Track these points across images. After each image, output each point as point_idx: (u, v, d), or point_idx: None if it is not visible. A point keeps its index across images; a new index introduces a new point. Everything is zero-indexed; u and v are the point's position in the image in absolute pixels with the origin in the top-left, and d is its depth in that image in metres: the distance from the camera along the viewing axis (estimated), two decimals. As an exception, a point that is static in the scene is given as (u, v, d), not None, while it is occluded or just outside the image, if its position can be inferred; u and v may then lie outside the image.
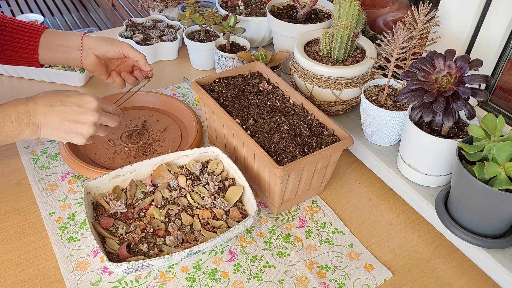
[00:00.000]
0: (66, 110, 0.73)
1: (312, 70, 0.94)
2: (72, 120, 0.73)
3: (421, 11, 0.85)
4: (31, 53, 0.88)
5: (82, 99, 0.75)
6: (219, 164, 0.87)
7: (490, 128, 0.68)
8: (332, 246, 0.81)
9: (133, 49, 0.91)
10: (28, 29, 0.88)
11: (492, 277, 0.74)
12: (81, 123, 0.74)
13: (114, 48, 0.89)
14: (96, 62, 0.92)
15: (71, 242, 0.79)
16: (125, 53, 0.91)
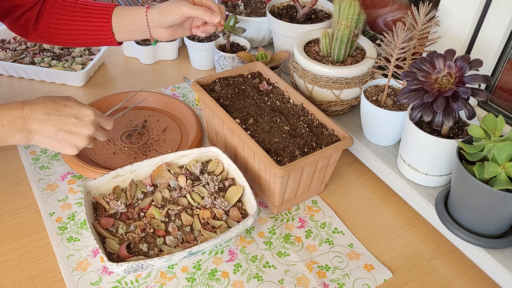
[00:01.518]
0: (63, 120, 0.72)
1: (312, 70, 0.94)
2: (68, 131, 0.72)
3: (421, 11, 0.85)
4: (106, 34, 0.89)
5: (81, 112, 0.74)
6: (219, 164, 0.87)
7: (490, 128, 0.68)
8: (332, 246, 0.81)
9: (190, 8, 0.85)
10: (99, 10, 0.88)
11: (492, 277, 0.74)
12: (76, 134, 0.73)
13: (175, 17, 0.86)
14: (167, 33, 0.90)
15: (71, 242, 0.79)
16: (187, 15, 0.87)
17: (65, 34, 0.89)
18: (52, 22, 0.88)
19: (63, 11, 0.88)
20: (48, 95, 0.74)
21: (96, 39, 0.90)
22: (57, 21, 0.88)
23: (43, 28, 0.89)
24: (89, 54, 1.24)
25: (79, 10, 0.89)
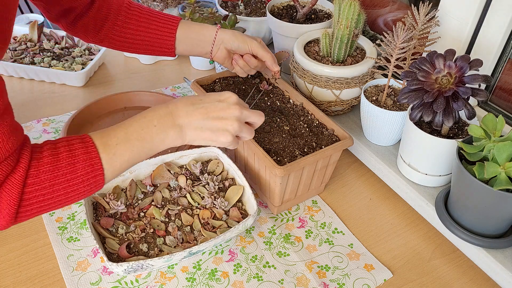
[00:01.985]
0: (208, 106, 0.67)
1: (312, 70, 0.94)
2: (215, 117, 0.67)
3: (421, 11, 0.85)
4: (168, 46, 0.89)
5: (221, 95, 0.70)
6: (219, 164, 0.88)
7: (490, 128, 0.68)
8: (332, 246, 0.81)
9: (262, 49, 0.89)
10: (165, 21, 0.88)
11: (492, 277, 0.74)
12: (224, 118, 0.67)
13: (244, 46, 0.88)
14: (226, 55, 0.92)
15: (71, 242, 0.79)
16: (254, 52, 0.89)
17: (127, 42, 0.89)
18: (116, 29, 0.88)
19: (128, 19, 0.88)
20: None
21: (157, 50, 0.90)
22: (121, 29, 0.88)
23: (105, 33, 0.88)
24: (89, 54, 1.24)
25: (144, 19, 0.88)
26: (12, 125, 0.55)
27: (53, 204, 0.59)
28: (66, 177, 0.57)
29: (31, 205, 0.57)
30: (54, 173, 0.57)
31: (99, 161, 0.59)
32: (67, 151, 0.58)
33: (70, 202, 0.60)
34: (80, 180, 0.58)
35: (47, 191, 0.57)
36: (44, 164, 0.56)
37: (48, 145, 0.59)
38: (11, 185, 0.54)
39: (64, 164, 0.57)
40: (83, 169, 0.58)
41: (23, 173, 0.55)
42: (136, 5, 0.89)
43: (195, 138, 0.67)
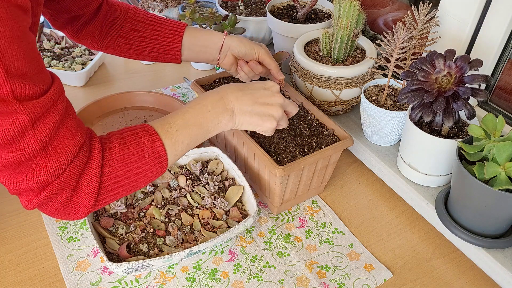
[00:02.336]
0: (254, 93, 0.72)
1: (312, 70, 0.94)
2: (262, 102, 0.72)
3: (421, 11, 0.85)
4: (174, 53, 0.90)
5: (266, 83, 0.75)
6: (219, 164, 0.88)
7: (490, 128, 0.68)
8: (332, 246, 0.81)
9: (268, 56, 0.91)
10: (171, 27, 0.88)
11: (492, 277, 0.74)
12: (270, 105, 0.72)
13: (252, 52, 0.89)
14: (233, 61, 0.93)
15: (71, 242, 0.79)
16: (261, 59, 0.91)
17: (132, 50, 0.90)
18: (121, 37, 0.88)
19: (134, 26, 0.88)
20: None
21: (163, 57, 0.91)
22: (127, 36, 0.88)
23: (110, 41, 0.88)
24: (89, 54, 1.24)
25: (150, 27, 0.88)
26: (76, 119, 0.58)
27: (124, 191, 0.62)
28: (136, 164, 0.61)
29: (107, 193, 0.60)
30: (125, 161, 0.60)
31: (163, 147, 0.63)
32: (133, 140, 0.62)
33: (138, 188, 0.64)
34: (148, 166, 0.62)
35: (120, 178, 0.61)
36: (115, 153, 0.60)
37: (115, 135, 0.62)
38: (90, 175, 0.58)
39: (133, 152, 0.61)
40: (150, 155, 0.62)
41: (99, 163, 0.58)
42: (141, 12, 0.89)
43: (243, 122, 0.71)
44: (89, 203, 0.59)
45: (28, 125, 0.51)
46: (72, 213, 0.59)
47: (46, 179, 0.54)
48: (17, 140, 0.51)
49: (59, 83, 0.55)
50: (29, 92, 0.50)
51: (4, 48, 0.47)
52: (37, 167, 0.53)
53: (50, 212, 0.58)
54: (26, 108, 0.50)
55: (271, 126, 0.72)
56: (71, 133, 0.56)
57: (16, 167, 0.53)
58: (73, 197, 0.57)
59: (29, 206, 0.56)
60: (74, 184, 0.57)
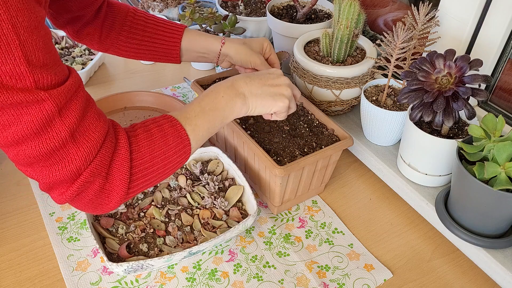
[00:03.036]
0: (262, 77, 0.74)
1: (312, 70, 0.94)
2: (270, 84, 0.74)
3: (421, 11, 0.85)
4: (173, 55, 0.91)
5: (269, 70, 0.78)
6: (219, 164, 0.88)
7: (490, 128, 0.68)
8: (332, 246, 0.81)
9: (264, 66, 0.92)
10: (170, 29, 0.90)
11: (492, 277, 0.74)
12: (278, 85, 0.74)
13: (247, 63, 0.90)
14: (231, 65, 0.95)
15: (71, 242, 0.79)
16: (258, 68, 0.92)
17: (132, 51, 0.91)
18: (121, 39, 0.89)
19: (134, 28, 0.88)
20: None
21: (163, 58, 0.92)
22: (126, 38, 0.89)
23: (111, 43, 0.89)
24: (89, 54, 1.24)
25: (150, 29, 0.89)
26: (97, 108, 0.58)
27: (154, 177, 0.63)
28: (162, 149, 0.62)
29: (138, 179, 0.60)
30: (151, 147, 0.61)
31: (185, 132, 0.64)
32: (156, 127, 0.63)
33: (166, 175, 0.65)
34: (173, 151, 0.63)
35: (149, 164, 0.61)
36: (141, 140, 0.61)
37: (138, 125, 0.63)
38: (120, 161, 0.58)
39: (158, 138, 0.62)
40: (174, 141, 0.63)
41: (128, 148, 0.59)
42: (141, 14, 0.90)
43: (257, 105, 0.72)
44: (122, 190, 0.59)
45: (55, 113, 0.51)
46: (106, 203, 0.59)
47: (79, 166, 0.54)
48: (45, 129, 0.51)
49: (76, 74, 0.56)
50: (51, 82, 0.50)
51: (24, 39, 0.47)
52: (68, 156, 0.53)
53: (83, 204, 0.58)
54: (51, 96, 0.50)
55: (283, 104, 0.73)
56: (96, 119, 0.56)
57: (47, 158, 0.53)
58: (106, 185, 0.57)
59: (63, 199, 0.56)
60: (106, 170, 0.57)
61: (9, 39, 0.46)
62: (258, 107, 0.73)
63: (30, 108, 0.49)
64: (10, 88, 0.47)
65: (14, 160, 0.54)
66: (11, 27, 0.46)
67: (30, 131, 0.50)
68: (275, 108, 0.73)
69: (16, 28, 0.46)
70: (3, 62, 0.46)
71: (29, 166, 0.54)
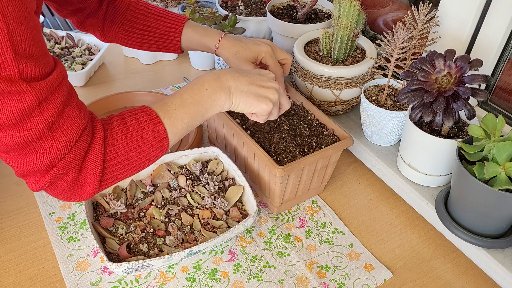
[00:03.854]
0: (251, 76, 0.73)
1: (312, 70, 0.94)
2: (258, 84, 0.73)
3: (421, 11, 0.85)
4: (174, 48, 0.92)
5: (261, 70, 0.77)
6: (219, 164, 0.88)
7: (490, 128, 0.68)
8: (332, 246, 0.81)
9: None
10: (170, 22, 0.90)
11: (492, 277, 0.74)
12: (266, 87, 0.73)
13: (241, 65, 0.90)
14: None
15: (71, 242, 0.79)
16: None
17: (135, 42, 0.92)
18: (123, 31, 0.90)
19: (135, 19, 0.89)
20: None
21: (164, 49, 0.93)
22: (128, 28, 0.90)
23: (113, 35, 0.91)
24: (89, 54, 1.24)
25: (150, 19, 0.90)
26: (78, 101, 0.59)
27: (128, 170, 0.64)
28: (137, 143, 0.62)
29: (111, 172, 0.61)
30: (126, 140, 0.62)
31: (163, 126, 0.64)
32: (133, 120, 0.63)
33: (142, 167, 0.65)
34: (149, 145, 0.63)
35: (123, 158, 0.62)
36: (117, 133, 0.61)
37: (115, 117, 0.63)
38: (93, 155, 0.59)
39: (134, 132, 0.62)
40: (150, 134, 0.63)
41: (102, 143, 0.59)
42: (142, 6, 0.91)
43: (240, 102, 0.72)
44: (95, 183, 0.60)
45: (35, 105, 0.52)
46: (78, 194, 0.60)
47: (53, 159, 0.55)
48: (24, 120, 0.52)
49: (62, 66, 0.56)
50: (35, 73, 0.51)
51: (13, 29, 0.47)
52: (43, 147, 0.54)
53: (56, 193, 0.59)
54: (33, 89, 0.51)
55: (267, 108, 0.72)
56: (75, 114, 0.57)
57: (23, 148, 0.54)
58: (79, 178, 0.58)
59: (36, 187, 0.57)
60: (79, 164, 0.58)
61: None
62: (241, 104, 0.72)
63: (11, 98, 0.50)
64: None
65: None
66: (1, 16, 0.46)
67: (9, 121, 0.51)
68: (257, 109, 0.73)
69: (6, 17, 0.47)
70: None
71: (5, 153, 0.55)
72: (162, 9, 0.91)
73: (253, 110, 0.73)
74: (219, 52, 0.90)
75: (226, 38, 0.89)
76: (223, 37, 0.89)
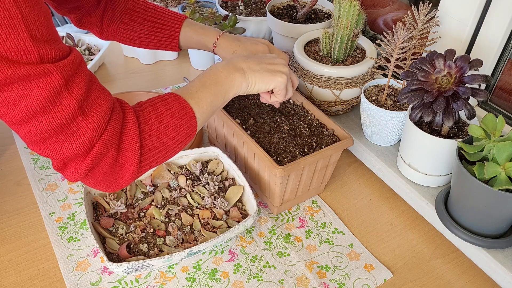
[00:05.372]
0: (259, 57, 0.77)
1: (312, 70, 0.94)
2: (268, 62, 0.76)
3: (421, 11, 0.85)
4: (172, 46, 0.93)
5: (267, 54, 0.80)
6: (219, 164, 0.88)
7: (490, 128, 0.68)
8: (332, 246, 0.81)
9: None
10: (169, 18, 0.91)
11: (492, 277, 0.74)
12: (275, 63, 0.76)
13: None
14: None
15: (71, 242, 0.79)
16: None
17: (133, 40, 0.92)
18: (122, 29, 0.90)
19: (134, 18, 0.90)
20: None
21: (162, 47, 0.94)
22: (127, 26, 0.90)
23: (112, 34, 0.91)
24: (89, 54, 1.24)
25: (149, 18, 0.90)
26: (101, 85, 0.59)
27: (164, 150, 0.63)
28: (168, 121, 0.63)
29: (149, 151, 0.61)
30: (158, 119, 0.62)
31: (189, 105, 0.65)
32: (161, 102, 0.64)
33: (176, 148, 0.66)
34: (180, 123, 0.64)
35: (158, 136, 0.62)
36: (148, 113, 0.62)
37: (143, 101, 0.64)
38: (130, 133, 0.59)
39: (163, 111, 0.63)
40: (179, 113, 0.64)
41: (135, 121, 0.59)
42: (141, 3, 0.91)
43: (256, 80, 0.74)
44: (135, 162, 0.59)
45: (62, 85, 0.51)
46: (120, 177, 0.59)
47: (91, 138, 0.54)
48: (54, 103, 0.51)
49: (77, 51, 0.56)
50: (55, 56, 0.50)
51: (26, 13, 0.47)
52: (79, 129, 0.54)
53: (97, 179, 0.58)
54: (58, 68, 0.50)
55: (282, 80, 0.75)
56: (101, 93, 0.57)
57: (59, 133, 0.53)
58: (118, 157, 0.58)
59: (77, 174, 0.56)
60: (117, 142, 0.57)
61: (11, 14, 0.46)
62: (257, 82, 0.74)
63: (38, 81, 0.49)
64: (16, 63, 0.47)
65: (26, 139, 0.54)
66: (13, 1, 0.45)
67: (40, 105, 0.50)
68: (274, 83, 0.75)
69: (18, 2, 0.46)
70: (7, 37, 0.46)
71: (42, 144, 0.54)
72: (161, 7, 0.92)
73: (270, 86, 0.75)
74: (216, 51, 0.91)
75: (224, 37, 0.90)
76: (221, 36, 0.90)
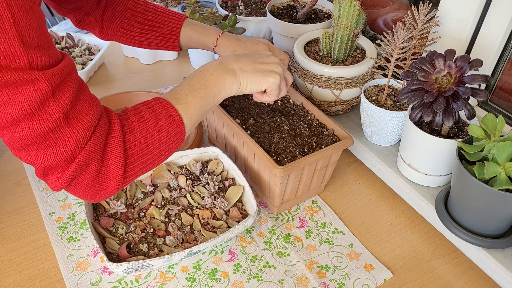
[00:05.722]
0: (252, 56, 0.75)
1: (312, 70, 0.94)
2: (260, 61, 0.74)
3: (421, 11, 0.85)
4: (172, 46, 0.93)
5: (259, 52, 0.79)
6: (219, 164, 0.88)
7: (490, 128, 0.68)
8: (332, 246, 0.81)
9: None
10: (169, 18, 0.91)
11: (492, 277, 0.74)
12: (268, 63, 0.75)
13: None
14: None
15: (71, 242, 0.79)
16: None
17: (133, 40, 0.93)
18: (122, 29, 0.90)
19: (134, 17, 0.90)
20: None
21: (162, 47, 0.94)
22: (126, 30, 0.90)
23: (112, 34, 0.91)
24: (89, 54, 1.24)
25: (149, 19, 0.90)
26: (89, 93, 0.58)
27: (150, 159, 0.63)
28: (154, 129, 0.62)
29: (133, 162, 0.60)
30: (143, 127, 0.61)
31: (176, 112, 0.64)
32: (147, 109, 0.63)
33: (163, 157, 0.65)
34: (166, 131, 0.63)
35: (143, 146, 0.61)
36: (133, 122, 0.61)
37: (129, 108, 0.63)
38: (114, 144, 0.58)
39: (149, 119, 0.62)
40: (166, 120, 0.63)
41: (120, 131, 0.59)
42: (141, 3, 0.91)
43: (248, 81, 0.72)
44: (119, 174, 0.58)
45: (49, 93, 0.51)
46: (104, 188, 0.59)
47: (73, 148, 0.54)
48: (39, 110, 0.51)
49: (70, 58, 0.56)
50: (45, 62, 0.50)
51: (19, 18, 0.46)
52: (62, 138, 0.53)
53: (81, 190, 0.58)
54: (46, 75, 0.50)
55: (275, 80, 0.74)
56: (89, 103, 0.56)
57: (42, 141, 0.52)
58: (102, 169, 0.57)
59: (59, 184, 0.56)
60: (100, 153, 0.56)
61: (3, 18, 0.45)
62: (249, 84, 0.73)
63: (24, 87, 0.49)
64: (4, 68, 0.47)
65: (9, 144, 0.54)
66: (5, 5, 0.45)
67: (25, 112, 0.50)
68: (266, 83, 0.73)
69: (11, 6, 0.46)
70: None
71: (24, 150, 0.54)
72: (161, 7, 0.92)
73: (263, 87, 0.74)
74: (217, 50, 0.91)
75: (224, 36, 0.90)
76: (221, 35, 0.90)
